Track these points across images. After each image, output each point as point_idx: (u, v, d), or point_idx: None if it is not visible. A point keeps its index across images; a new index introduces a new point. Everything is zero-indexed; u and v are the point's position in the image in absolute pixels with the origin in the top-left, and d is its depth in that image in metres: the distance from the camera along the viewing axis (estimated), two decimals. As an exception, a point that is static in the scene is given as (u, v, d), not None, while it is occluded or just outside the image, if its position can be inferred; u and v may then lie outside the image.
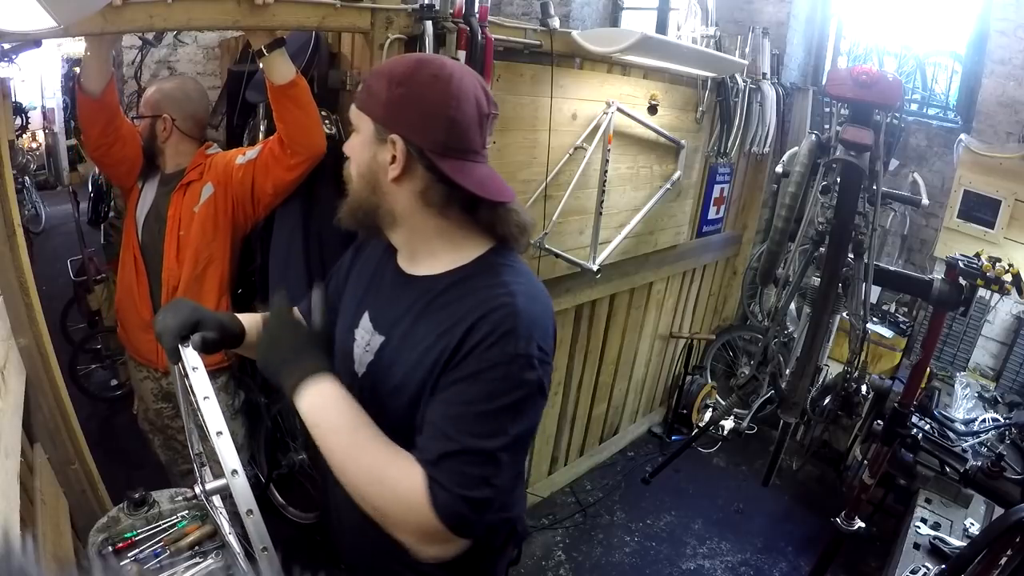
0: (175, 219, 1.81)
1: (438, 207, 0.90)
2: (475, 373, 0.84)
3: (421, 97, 0.85)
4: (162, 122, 1.83)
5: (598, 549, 2.72)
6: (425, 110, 0.85)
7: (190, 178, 1.81)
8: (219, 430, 0.82)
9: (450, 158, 0.86)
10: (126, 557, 1.20)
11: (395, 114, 0.86)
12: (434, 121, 0.85)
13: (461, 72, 0.88)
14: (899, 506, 2.57)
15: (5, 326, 1.33)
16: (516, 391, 0.84)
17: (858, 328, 2.38)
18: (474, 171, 0.88)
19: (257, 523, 0.78)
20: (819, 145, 2.09)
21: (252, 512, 0.78)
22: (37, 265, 1.57)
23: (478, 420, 0.83)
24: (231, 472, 0.79)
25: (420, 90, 0.85)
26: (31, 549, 0.40)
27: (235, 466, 0.79)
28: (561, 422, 2.93)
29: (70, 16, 0.93)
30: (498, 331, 0.84)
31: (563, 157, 2.27)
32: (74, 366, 3.11)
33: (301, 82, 1.60)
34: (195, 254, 1.80)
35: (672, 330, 3.50)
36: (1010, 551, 1.48)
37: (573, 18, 4.03)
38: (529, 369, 0.84)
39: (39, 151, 7.64)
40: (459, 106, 0.85)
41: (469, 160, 0.88)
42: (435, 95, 0.84)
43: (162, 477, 2.08)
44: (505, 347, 0.83)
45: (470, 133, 0.87)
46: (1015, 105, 3.15)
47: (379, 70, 0.90)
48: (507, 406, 0.83)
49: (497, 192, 0.90)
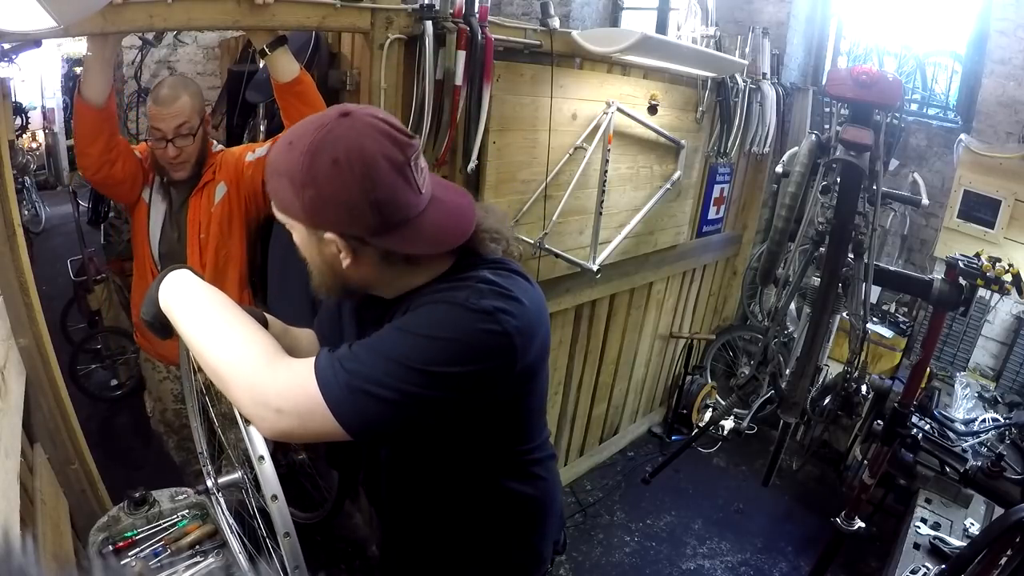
0: (195, 223, 1.78)
1: (405, 261, 0.87)
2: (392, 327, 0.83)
3: (333, 194, 0.78)
4: (205, 124, 1.76)
5: (598, 549, 2.72)
6: (343, 205, 0.78)
7: (205, 179, 1.79)
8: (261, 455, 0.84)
9: (392, 233, 0.82)
10: (126, 556, 1.20)
11: (317, 217, 0.81)
12: (357, 210, 0.79)
13: (357, 134, 0.78)
14: (899, 506, 2.57)
15: (5, 326, 1.33)
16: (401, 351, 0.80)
17: (858, 328, 2.38)
18: (423, 230, 0.83)
19: (282, 509, 0.80)
20: (819, 145, 2.09)
21: (277, 497, 0.79)
22: (37, 265, 1.56)
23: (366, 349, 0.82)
24: (258, 458, 0.80)
25: (328, 187, 0.77)
26: (31, 549, 0.40)
27: (263, 452, 0.79)
28: (561, 422, 2.93)
29: (70, 16, 0.93)
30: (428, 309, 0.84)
31: (563, 157, 2.27)
32: (74, 366, 3.11)
33: (306, 78, 1.59)
34: (215, 253, 1.80)
35: (672, 330, 3.50)
36: (1010, 551, 1.48)
37: (573, 18, 4.03)
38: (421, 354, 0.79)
39: (39, 151, 7.64)
40: (375, 184, 0.78)
41: (412, 221, 0.83)
42: (345, 185, 0.77)
43: (168, 478, 2.08)
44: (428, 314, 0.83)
45: (399, 199, 0.80)
46: (1015, 105, 3.14)
47: (276, 170, 0.82)
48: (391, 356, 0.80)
49: (454, 236, 0.87)
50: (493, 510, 1.07)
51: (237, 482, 0.99)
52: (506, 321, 0.82)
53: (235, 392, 0.81)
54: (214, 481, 1.01)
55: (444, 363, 0.79)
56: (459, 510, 1.07)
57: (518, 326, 0.83)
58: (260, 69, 2.09)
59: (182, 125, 1.66)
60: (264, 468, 0.80)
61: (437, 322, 0.81)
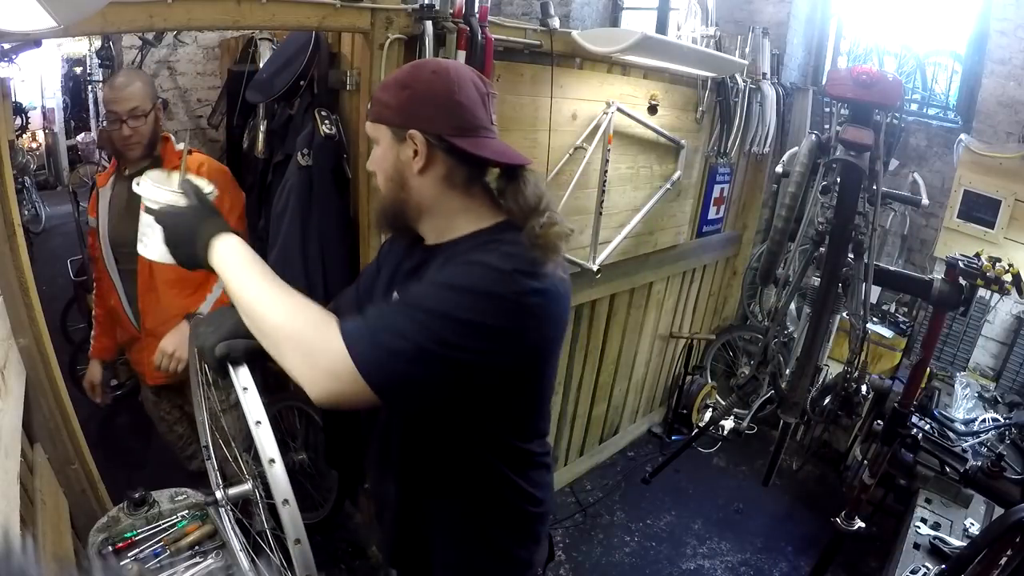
0: None
1: (462, 187, 0.98)
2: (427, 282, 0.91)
3: (426, 92, 0.93)
4: (156, 111, 1.81)
5: (598, 549, 2.72)
6: (433, 101, 0.93)
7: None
8: (258, 419, 0.83)
9: (466, 137, 0.94)
10: (126, 557, 1.20)
11: (408, 113, 0.95)
12: (444, 108, 0.93)
13: (456, 64, 0.99)
14: (899, 506, 2.56)
15: (5, 326, 1.33)
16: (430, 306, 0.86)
17: (858, 328, 2.38)
18: (489, 144, 0.97)
19: (293, 514, 0.79)
20: (819, 145, 2.09)
21: (288, 502, 0.79)
22: (37, 265, 1.56)
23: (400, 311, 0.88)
24: (268, 461, 0.79)
25: (424, 87, 0.94)
26: (31, 549, 0.40)
27: (273, 455, 0.80)
28: (561, 422, 2.93)
29: (70, 16, 0.93)
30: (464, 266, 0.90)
31: (563, 157, 2.27)
32: (74, 366, 3.10)
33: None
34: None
35: (672, 330, 3.49)
36: (1010, 551, 1.48)
37: (573, 18, 4.03)
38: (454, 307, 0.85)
39: (39, 151, 7.64)
40: (461, 90, 0.94)
41: (482, 136, 0.96)
42: (438, 87, 0.93)
43: (168, 477, 2.10)
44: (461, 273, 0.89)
45: (477, 112, 0.95)
46: (1015, 105, 3.14)
47: (384, 83, 1.01)
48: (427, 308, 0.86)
49: (515, 158, 0.99)
50: (493, 500, 1.10)
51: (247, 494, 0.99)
52: (527, 285, 0.88)
53: (289, 356, 0.85)
54: (224, 495, 1.01)
55: (466, 310, 0.84)
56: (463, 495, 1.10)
57: (539, 294, 0.89)
58: (260, 69, 2.09)
59: (135, 108, 1.75)
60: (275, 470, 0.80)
61: (464, 276, 0.88)
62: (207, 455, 1.09)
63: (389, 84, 0.98)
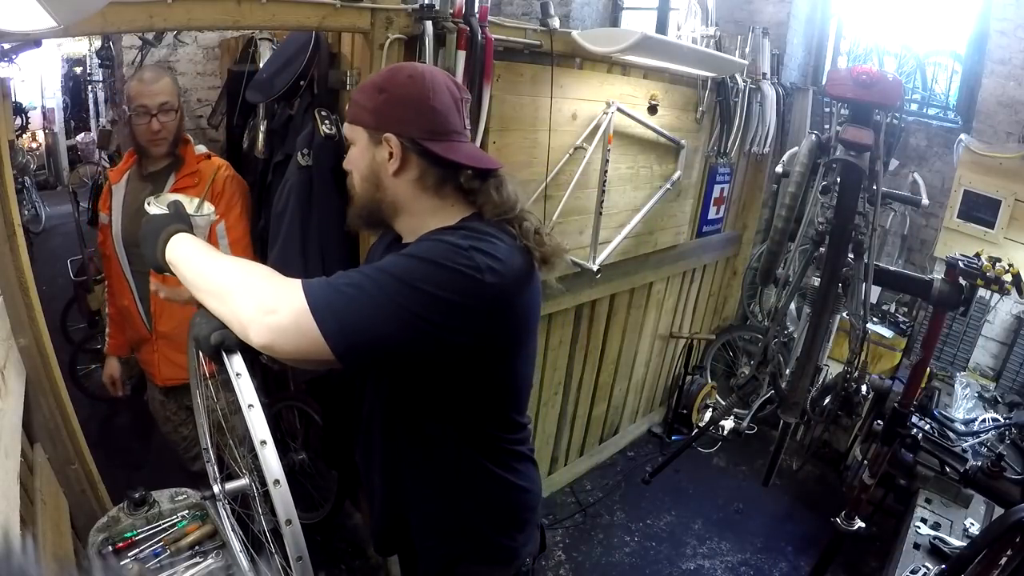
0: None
1: (434, 188, 1.01)
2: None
3: (402, 96, 0.97)
4: (182, 108, 1.83)
5: (598, 549, 2.72)
6: (408, 105, 0.97)
7: (184, 184, 1.81)
8: (250, 403, 0.82)
9: (439, 141, 0.98)
10: (126, 557, 1.20)
11: (383, 116, 0.98)
12: (418, 113, 0.97)
13: (431, 68, 1.02)
14: (899, 506, 2.56)
15: (5, 326, 1.33)
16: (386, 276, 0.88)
17: (858, 328, 2.37)
18: (462, 148, 1.00)
19: (296, 533, 0.79)
20: (819, 145, 2.09)
21: (291, 522, 0.79)
22: (37, 265, 1.57)
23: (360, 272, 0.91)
24: (273, 482, 0.79)
25: (399, 91, 0.97)
26: (31, 549, 0.40)
27: (279, 476, 0.80)
28: (561, 422, 2.93)
29: (70, 16, 0.93)
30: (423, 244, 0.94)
31: (563, 157, 2.27)
32: (74, 366, 3.11)
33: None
34: None
35: (672, 330, 3.49)
36: (1010, 551, 1.48)
37: (573, 18, 4.03)
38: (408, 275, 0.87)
39: (39, 151, 7.65)
40: (436, 95, 0.97)
41: (454, 140, 1.00)
42: (413, 91, 0.97)
43: (169, 477, 2.10)
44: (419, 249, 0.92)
45: (451, 117, 0.99)
46: (1015, 105, 3.14)
47: (361, 85, 1.04)
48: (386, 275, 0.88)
49: (487, 162, 1.02)
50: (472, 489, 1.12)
51: (244, 489, 0.99)
52: (482, 262, 0.90)
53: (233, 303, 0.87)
54: (221, 489, 1.01)
55: (421, 280, 0.87)
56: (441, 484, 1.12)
57: (495, 274, 0.90)
58: (260, 69, 2.09)
59: (165, 103, 1.78)
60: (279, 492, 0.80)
61: (424, 249, 0.91)
62: (207, 457, 1.09)
63: (366, 87, 1.01)
